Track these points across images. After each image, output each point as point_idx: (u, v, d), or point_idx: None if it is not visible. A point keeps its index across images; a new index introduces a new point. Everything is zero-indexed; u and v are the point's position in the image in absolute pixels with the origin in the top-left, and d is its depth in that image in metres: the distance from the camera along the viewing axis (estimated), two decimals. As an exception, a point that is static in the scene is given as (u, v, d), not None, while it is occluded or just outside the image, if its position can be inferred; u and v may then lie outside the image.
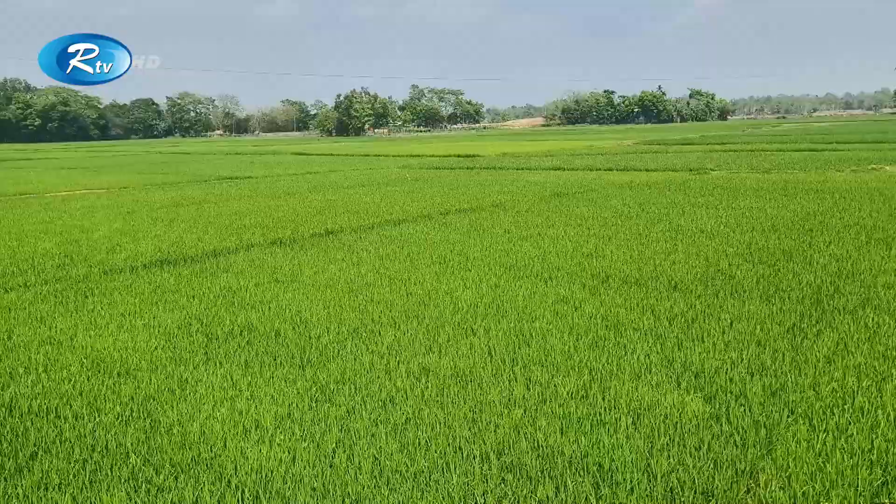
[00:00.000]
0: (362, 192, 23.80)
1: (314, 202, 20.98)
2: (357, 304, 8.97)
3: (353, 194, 23.21)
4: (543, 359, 6.77)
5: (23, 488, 4.63)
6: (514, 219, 16.20)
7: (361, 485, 4.64)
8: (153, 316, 8.70)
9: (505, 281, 10.00)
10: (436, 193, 22.55)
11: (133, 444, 5.22)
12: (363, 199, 21.56)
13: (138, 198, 24.03)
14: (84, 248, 13.78)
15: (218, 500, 4.47)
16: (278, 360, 6.97)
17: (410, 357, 6.95)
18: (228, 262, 12.02)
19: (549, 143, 66.65)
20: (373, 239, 13.98)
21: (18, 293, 10.13)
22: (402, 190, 24.38)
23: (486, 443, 5.13)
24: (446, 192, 23.08)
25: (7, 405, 6.00)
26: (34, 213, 19.81)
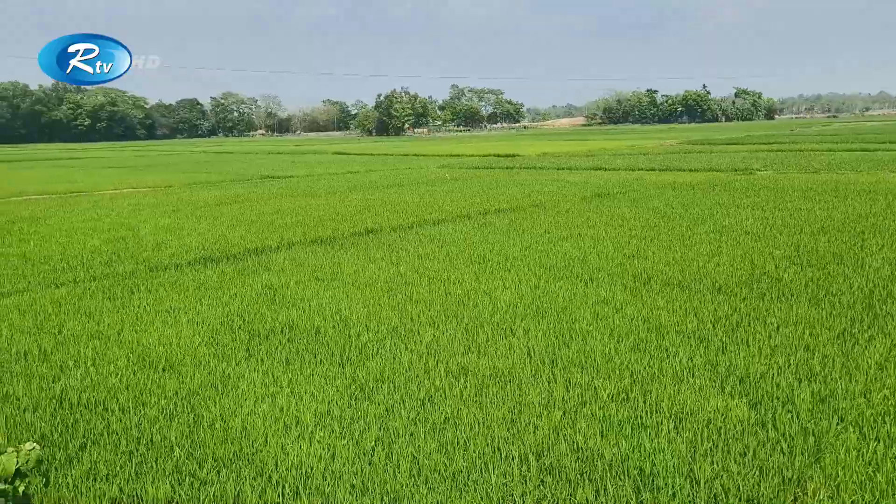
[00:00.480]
0: (402, 192, 23.90)
1: (354, 201, 21.14)
2: (396, 303, 9.01)
3: (393, 194, 23.32)
4: (583, 360, 6.70)
5: (72, 478, 4.75)
6: (554, 219, 16.08)
7: (400, 483, 4.65)
8: (197, 312, 8.86)
9: (544, 281, 9.93)
10: (475, 193, 22.52)
11: (177, 438, 5.32)
12: (402, 198, 21.65)
13: (182, 196, 24.52)
14: (130, 245, 14.11)
15: (259, 494, 4.53)
16: (318, 358, 7.03)
17: (449, 356, 6.95)
18: (270, 260, 12.18)
19: (590, 143, 66.07)
20: (412, 238, 14.02)
21: (68, 288, 10.42)
22: (441, 189, 24.41)
23: (526, 444, 5.09)
24: (485, 191, 23.03)
25: (58, 397, 6.17)
26: (83, 211, 20.36)
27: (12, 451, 3.00)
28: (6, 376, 6.74)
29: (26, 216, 19.33)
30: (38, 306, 9.35)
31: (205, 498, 4.49)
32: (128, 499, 4.50)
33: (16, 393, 6.30)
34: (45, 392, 6.30)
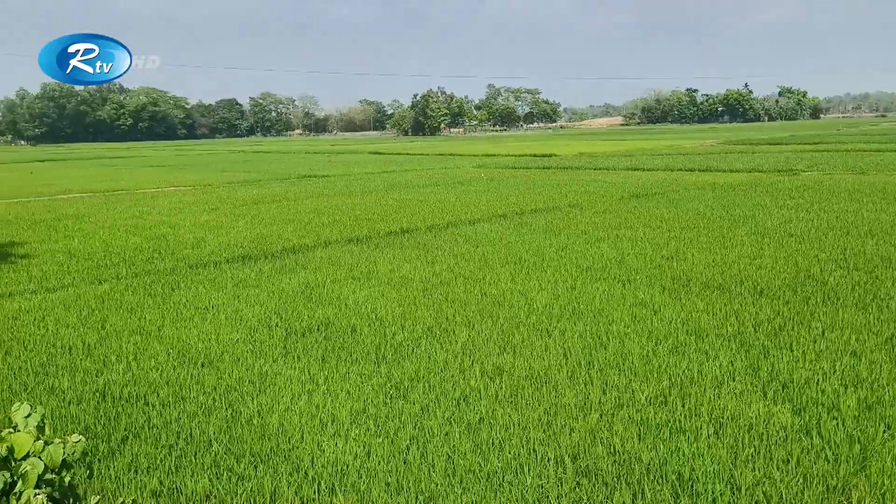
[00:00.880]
0: (437, 192, 23.93)
1: (390, 201, 21.24)
2: (431, 303, 9.01)
3: (428, 193, 23.37)
4: (620, 363, 6.62)
5: (115, 470, 4.85)
6: (591, 219, 15.94)
7: (435, 482, 4.64)
8: (235, 310, 8.98)
9: (581, 282, 9.84)
10: (511, 193, 22.45)
11: (215, 433, 5.40)
12: (438, 198, 21.68)
13: (221, 195, 24.91)
14: (171, 242, 14.38)
15: (295, 490, 4.56)
16: (354, 357, 7.07)
17: (484, 357, 6.93)
18: (307, 259, 12.29)
19: (628, 143, 65.38)
20: (447, 238, 14.02)
21: (111, 284, 10.66)
22: (476, 189, 24.39)
23: (561, 446, 5.05)
24: (521, 191, 22.94)
25: (101, 391, 6.31)
26: (125, 209, 20.82)
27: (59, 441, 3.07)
28: (52, 369, 6.91)
29: (71, 213, 19.84)
30: (82, 301, 9.58)
31: (242, 493, 4.54)
32: (168, 492, 4.58)
33: (61, 386, 6.46)
34: (88, 385, 6.45)
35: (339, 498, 4.49)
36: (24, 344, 7.74)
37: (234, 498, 4.49)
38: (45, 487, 2.97)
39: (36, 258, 12.95)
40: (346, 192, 24.52)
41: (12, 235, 15.84)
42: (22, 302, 9.66)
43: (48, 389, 6.39)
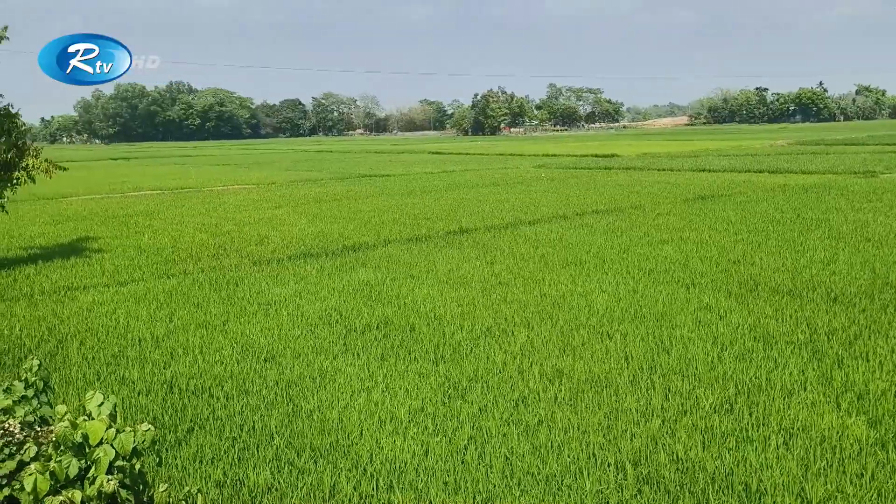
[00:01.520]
0: (497, 192, 23.87)
1: (449, 200, 21.28)
2: (490, 303, 8.98)
3: (488, 193, 23.32)
4: (684, 368, 6.46)
5: (181, 460, 4.99)
6: (654, 221, 15.61)
7: (492, 483, 4.61)
8: (297, 306, 9.13)
9: (643, 285, 9.64)
10: (572, 194, 22.20)
11: (277, 427, 5.49)
12: (498, 198, 21.61)
13: (284, 193, 25.42)
14: (236, 239, 14.74)
15: (354, 486, 4.60)
16: (413, 355, 7.10)
17: (544, 359, 6.85)
18: (367, 257, 12.41)
19: (694, 144, 63.84)
20: (507, 238, 13.96)
21: (179, 279, 10.99)
22: (537, 189, 24.21)
23: (622, 451, 4.95)
24: (582, 192, 22.66)
25: (168, 382, 6.51)
26: (193, 207, 21.46)
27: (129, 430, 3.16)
28: (123, 360, 7.17)
29: (141, 210, 20.57)
30: (151, 296, 9.91)
31: (302, 486, 4.61)
32: (231, 483, 4.68)
33: (131, 376, 6.69)
34: (156, 377, 6.66)
35: (396, 495, 4.50)
36: (97, 335, 8.05)
37: (294, 491, 4.55)
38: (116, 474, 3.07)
39: (109, 253, 13.46)
40: (406, 192, 24.69)
41: (87, 231, 16.52)
42: (95, 295, 10.06)
43: (119, 379, 6.62)
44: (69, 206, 22.53)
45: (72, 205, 22.75)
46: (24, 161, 12.89)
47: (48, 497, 2.91)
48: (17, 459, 3.25)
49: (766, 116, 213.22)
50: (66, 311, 9.18)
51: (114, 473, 3.06)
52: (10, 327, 8.41)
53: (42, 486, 2.92)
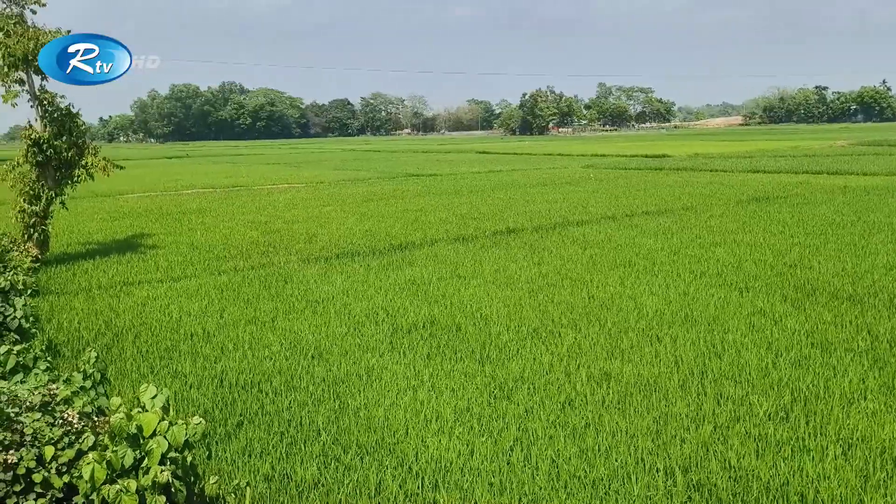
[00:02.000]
0: (544, 192, 23.69)
1: (496, 200, 21.21)
2: (537, 304, 8.91)
3: (535, 193, 23.17)
4: (737, 374, 6.29)
5: (230, 453, 5.07)
6: (706, 223, 15.28)
7: (538, 485, 4.56)
8: (344, 304, 9.21)
9: (694, 288, 9.44)
10: (621, 194, 21.90)
11: (323, 423, 5.54)
12: (545, 198, 21.45)
13: (333, 192, 25.70)
14: (285, 237, 14.95)
15: (399, 484, 4.61)
16: (459, 355, 7.08)
17: (591, 361, 6.76)
18: (413, 256, 12.45)
19: (748, 144, 62.33)
20: (554, 239, 13.83)
21: (230, 276, 11.20)
22: (585, 190, 23.96)
23: (672, 457, 4.84)
24: (632, 193, 22.33)
25: (219, 377, 6.63)
26: (243, 204, 21.86)
27: (182, 423, 3.23)
28: (175, 354, 7.34)
29: (194, 208, 21.05)
30: (202, 291, 10.12)
31: (349, 483, 4.63)
32: (279, 477, 4.74)
33: (183, 370, 6.83)
34: (207, 371, 6.79)
35: (442, 495, 4.49)
36: (151, 329, 8.26)
37: (340, 488, 4.59)
38: (168, 465, 3.14)
39: (163, 249, 13.81)
40: (453, 191, 24.71)
41: (142, 227, 16.98)
42: (149, 290, 10.32)
43: (172, 373, 6.77)
44: (125, 203, 23.20)
45: (128, 202, 23.43)
46: (84, 159, 13.30)
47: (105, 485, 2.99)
48: (76, 448, 3.34)
49: (825, 116, 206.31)
50: (122, 305, 9.45)
51: (166, 465, 3.12)
52: (69, 320, 8.68)
53: (99, 475, 2.99)
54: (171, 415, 3.36)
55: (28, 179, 12.92)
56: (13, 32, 12.22)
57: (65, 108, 12.96)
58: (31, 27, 12.40)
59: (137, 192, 27.00)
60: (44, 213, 12.90)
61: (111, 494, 2.92)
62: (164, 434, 3.17)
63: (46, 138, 12.71)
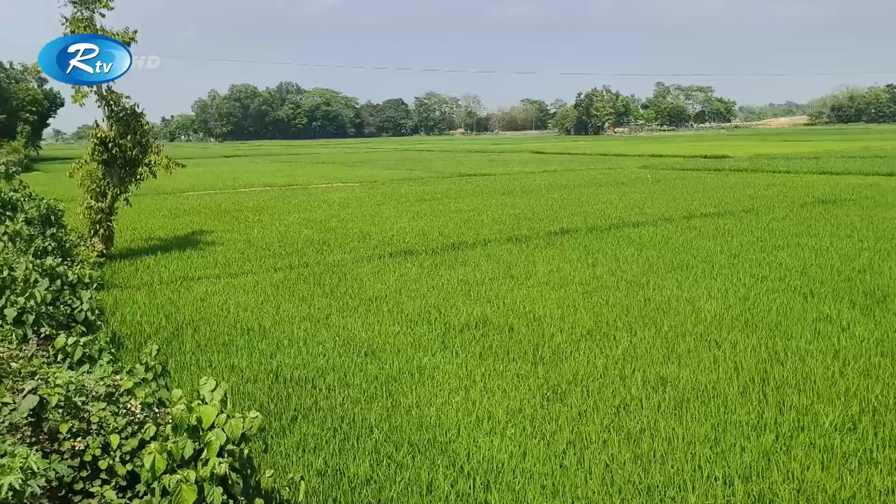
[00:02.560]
0: (599, 192, 23.38)
1: (550, 201, 21.03)
2: (591, 306, 8.78)
3: (590, 194, 22.89)
4: (801, 382, 6.07)
5: (285, 447, 5.15)
6: (768, 225, 14.83)
7: (591, 490, 4.49)
8: (397, 302, 9.25)
9: (755, 292, 9.17)
10: (678, 195, 21.45)
11: (376, 420, 5.57)
12: (600, 198, 21.17)
13: (386, 191, 25.89)
14: (339, 235, 15.12)
15: (451, 484, 4.60)
16: (511, 355, 7.04)
17: (647, 365, 6.63)
18: (466, 256, 12.44)
19: (814, 144, 60.32)
20: (609, 240, 13.63)
21: (285, 273, 11.38)
22: (641, 191, 23.55)
23: (731, 465, 4.70)
24: (690, 194, 21.85)
25: (274, 372, 6.74)
26: (299, 203, 22.21)
27: (239, 416, 3.28)
28: (233, 349, 7.49)
29: (251, 206, 21.48)
30: (259, 288, 10.31)
31: (400, 480, 4.65)
32: (332, 472, 4.78)
33: (240, 365, 6.97)
34: (263, 366, 6.91)
35: (493, 496, 4.46)
36: (210, 324, 8.45)
37: (392, 485, 4.60)
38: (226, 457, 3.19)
39: (221, 246, 14.13)
40: (506, 191, 24.61)
41: (202, 224, 17.42)
42: (208, 285, 10.57)
43: (229, 367, 6.92)
44: (186, 200, 23.84)
45: (188, 199, 24.07)
46: (148, 158, 13.73)
47: (165, 475, 3.05)
48: (138, 438, 3.43)
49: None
50: (182, 299, 9.70)
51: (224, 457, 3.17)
52: (132, 313, 8.96)
53: (160, 465, 3.06)
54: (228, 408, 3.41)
55: (95, 177, 13.41)
56: (83, 35, 12.69)
57: (130, 108, 13.40)
58: (100, 29, 12.86)
59: (198, 190, 27.72)
60: (109, 210, 13.35)
61: (171, 484, 2.98)
62: (223, 427, 3.23)
63: (112, 137, 13.16)
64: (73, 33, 12.72)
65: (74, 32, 12.73)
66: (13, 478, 2.55)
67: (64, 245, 10.20)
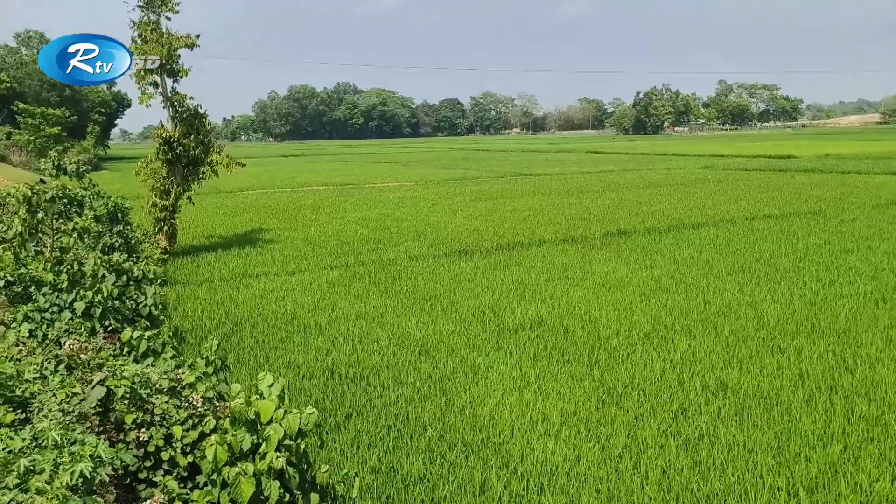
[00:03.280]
0: (658, 193, 22.94)
1: (606, 201, 20.74)
2: (649, 309, 8.62)
3: (648, 194, 22.48)
4: (871, 391, 5.83)
5: (339, 443, 5.20)
6: (837, 228, 14.29)
7: (648, 496, 4.40)
8: (451, 302, 9.26)
9: (822, 297, 8.84)
10: (741, 196, 20.87)
11: (430, 419, 5.58)
12: (658, 199, 20.77)
13: (441, 191, 25.95)
14: (394, 234, 15.23)
15: (504, 485, 4.57)
16: (566, 357, 6.96)
17: (706, 370, 6.47)
18: (521, 256, 12.36)
19: (886, 144, 57.89)
20: (668, 242, 13.36)
21: (341, 271, 11.52)
22: (702, 191, 23.01)
23: (795, 476, 4.54)
24: (753, 195, 21.24)
25: (329, 369, 6.82)
26: (355, 202, 22.46)
27: (296, 412, 3.33)
28: (290, 346, 7.61)
29: (309, 205, 21.83)
30: (315, 286, 10.46)
31: (453, 480, 4.64)
32: (385, 469, 4.81)
33: (296, 361, 7.08)
34: (319, 363, 7.00)
35: (547, 498, 4.42)
36: (267, 320, 8.61)
37: (445, 484, 4.60)
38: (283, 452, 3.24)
39: (279, 244, 14.40)
40: (562, 192, 24.38)
41: (260, 222, 17.78)
42: (266, 282, 10.78)
43: (286, 363, 7.04)
44: (245, 199, 24.39)
45: (248, 198, 24.61)
46: (210, 157, 14.10)
47: (225, 467, 3.12)
48: (198, 430, 3.52)
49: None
50: (241, 296, 9.92)
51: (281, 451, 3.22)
52: (193, 309, 9.20)
53: (221, 457, 3.13)
54: (285, 403, 3.47)
55: (159, 176, 13.84)
56: (150, 39, 13.13)
57: (193, 109, 13.79)
58: (166, 32, 13.27)
59: (257, 189, 28.33)
60: (173, 208, 13.76)
61: (231, 476, 3.05)
62: (280, 421, 3.28)
63: (176, 137, 13.56)
64: (142, 36, 13.18)
65: (142, 35, 13.18)
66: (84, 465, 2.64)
67: (130, 242, 10.57)
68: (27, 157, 41.14)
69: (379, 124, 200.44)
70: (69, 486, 2.58)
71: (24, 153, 42.12)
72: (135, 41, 13.25)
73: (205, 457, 3.16)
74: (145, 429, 3.50)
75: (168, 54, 13.11)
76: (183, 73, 13.56)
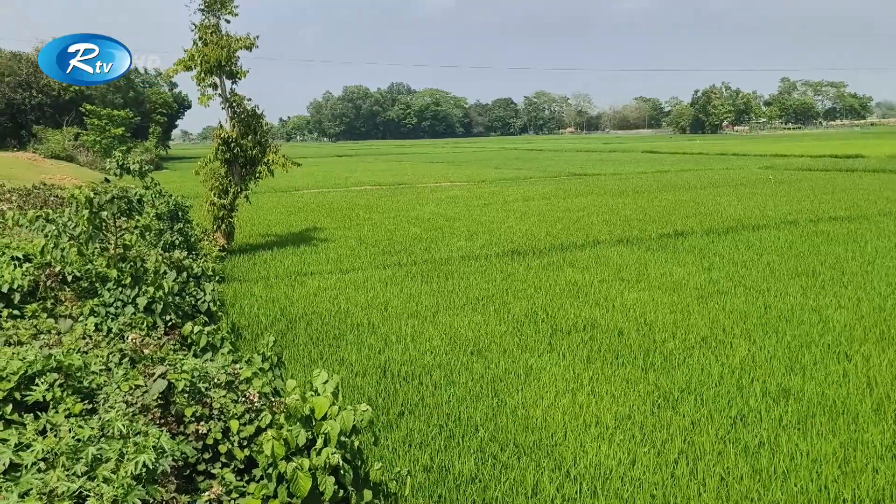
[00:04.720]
0: (716, 193, 22.40)
1: (663, 202, 20.35)
2: (706, 312, 8.42)
3: (706, 195, 21.97)
4: (944, 401, 5.56)
5: (391, 441, 5.23)
6: (906, 230, 13.71)
7: (705, 503, 4.30)
8: (504, 302, 9.22)
9: (892, 304, 8.49)
10: (804, 198, 20.22)
11: (481, 419, 5.57)
12: (717, 200, 20.27)
13: (493, 191, 25.88)
14: (446, 234, 15.25)
15: (557, 487, 4.52)
16: (620, 360, 6.85)
17: (766, 375, 6.28)
18: (574, 257, 12.23)
19: (956, 143, 55.26)
20: (726, 243, 13.03)
21: (393, 270, 11.60)
22: (763, 192, 22.37)
23: (861, 487, 4.37)
24: (817, 196, 20.54)
25: (382, 367, 6.87)
26: (407, 202, 22.59)
27: (350, 409, 3.36)
28: (343, 343, 7.70)
29: (362, 204, 22.05)
30: (368, 284, 10.55)
31: (505, 481, 4.61)
32: (437, 468, 4.81)
33: (349, 359, 7.15)
34: (371, 361, 7.06)
35: (601, 502, 4.35)
36: (322, 318, 8.73)
37: (497, 485, 4.58)
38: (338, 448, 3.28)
39: (333, 242, 14.58)
40: (617, 192, 24.02)
41: (315, 221, 18.04)
42: (321, 280, 10.93)
43: (339, 360, 7.11)
44: (300, 198, 24.79)
45: (302, 197, 25.00)
46: (266, 157, 14.37)
47: (281, 462, 3.17)
48: (255, 425, 3.58)
49: None
50: (296, 294, 10.07)
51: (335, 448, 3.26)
52: (249, 306, 9.39)
53: (278, 451, 3.19)
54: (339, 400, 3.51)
55: (218, 175, 14.18)
56: (210, 41, 13.46)
57: (251, 110, 14.09)
58: (225, 35, 13.59)
59: (311, 188, 28.76)
60: (230, 207, 14.08)
61: (288, 471, 3.10)
62: (335, 418, 3.32)
63: (234, 137, 13.88)
64: (202, 39, 13.52)
65: (203, 38, 13.53)
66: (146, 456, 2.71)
67: (189, 239, 10.85)
68: (93, 156, 42.76)
69: (432, 124, 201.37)
70: (133, 475, 2.66)
71: (91, 153, 43.77)
72: (195, 43, 13.61)
73: (262, 451, 3.22)
74: (204, 422, 3.59)
75: (227, 56, 13.41)
76: (241, 75, 13.85)
